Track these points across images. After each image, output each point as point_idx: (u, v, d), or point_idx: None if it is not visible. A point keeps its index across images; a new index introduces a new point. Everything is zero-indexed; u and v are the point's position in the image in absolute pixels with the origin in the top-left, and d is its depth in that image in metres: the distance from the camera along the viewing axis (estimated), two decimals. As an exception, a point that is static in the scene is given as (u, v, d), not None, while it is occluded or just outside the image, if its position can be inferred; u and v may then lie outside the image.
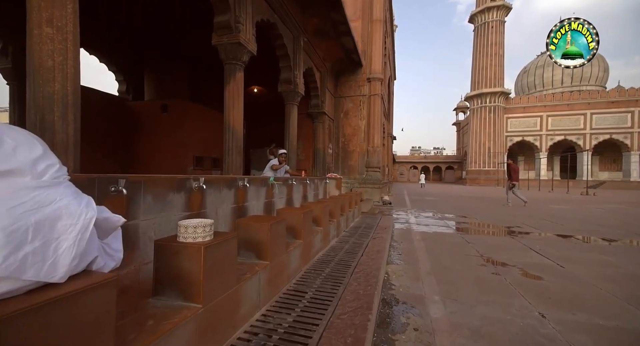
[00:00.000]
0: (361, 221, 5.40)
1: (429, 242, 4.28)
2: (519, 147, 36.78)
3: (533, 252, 3.80)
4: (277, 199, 3.71)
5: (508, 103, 36.01)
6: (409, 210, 8.11)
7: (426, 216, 7.07)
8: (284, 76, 6.13)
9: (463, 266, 3.10)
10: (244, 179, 2.89)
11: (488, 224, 6.07)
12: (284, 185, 3.98)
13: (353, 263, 2.78)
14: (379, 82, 9.31)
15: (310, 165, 8.73)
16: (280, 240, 2.21)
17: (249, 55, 4.24)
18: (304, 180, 4.77)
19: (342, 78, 9.62)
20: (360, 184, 9.22)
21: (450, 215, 7.26)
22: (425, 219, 6.52)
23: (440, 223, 6.07)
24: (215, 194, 2.47)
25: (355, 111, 9.46)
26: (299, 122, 9.11)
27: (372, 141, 9.29)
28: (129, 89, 7.62)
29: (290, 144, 6.32)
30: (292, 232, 2.67)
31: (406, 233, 4.92)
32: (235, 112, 4.15)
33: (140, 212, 1.73)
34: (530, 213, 7.88)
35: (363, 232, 4.36)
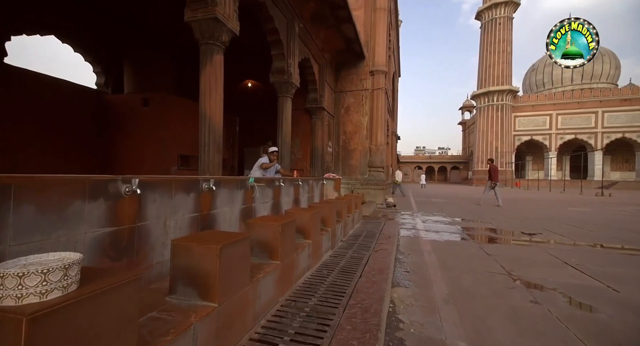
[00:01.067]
0: (362, 227, 4.75)
1: (441, 253, 3.63)
2: (527, 146, 35.78)
3: (570, 267, 3.13)
4: (260, 204, 3.09)
5: (516, 102, 35.05)
6: (415, 214, 7.44)
7: (435, 221, 6.39)
8: (276, 65, 5.51)
9: (490, 290, 2.44)
10: (210, 180, 2.27)
11: (506, 230, 5.38)
12: (270, 188, 3.35)
13: (348, 289, 2.14)
14: (382, 75, 8.66)
15: (307, 165, 8.10)
16: (237, 272, 1.57)
17: (230, 34, 3.63)
18: (295, 181, 4.14)
19: (343, 71, 8.98)
20: (363, 185, 8.57)
21: (461, 219, 6.57)
22: (434, 224, 5.85)
23: (452, 229, 5.40)
24: (164, 201, 1.86)
25: (357, 107, 8.81)
26: (295, 118, 8.48)
27: (375, 139, 8.64)
28: (108, 81, 7.04)
29: (283, 141, 5.70)
30: (266, 249, 2.03)
31: (414, 242, 4.26)
32: (212, 101, 3.53)
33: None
34: (550, 216, 7.16)
35: (364, 242, 3.71)
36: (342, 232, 3.82)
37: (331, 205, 3.38)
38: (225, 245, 1.38)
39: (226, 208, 2.51)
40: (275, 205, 3.43)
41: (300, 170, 8.23)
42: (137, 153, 6.10)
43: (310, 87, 7.57)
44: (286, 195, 3.81)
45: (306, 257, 2.50)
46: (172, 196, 1.94)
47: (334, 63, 8.70)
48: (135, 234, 1.66)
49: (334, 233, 3.38)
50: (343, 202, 4.04)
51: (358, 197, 5.16)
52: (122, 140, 6.21)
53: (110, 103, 6.33)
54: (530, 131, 34.67)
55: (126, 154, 6.20)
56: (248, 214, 2.85)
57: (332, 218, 3.37)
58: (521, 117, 35.03)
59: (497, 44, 34.80)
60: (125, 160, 6.18)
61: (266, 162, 4.80)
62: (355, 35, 7.57)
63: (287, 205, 3.83)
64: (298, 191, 4.23)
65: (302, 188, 4.37)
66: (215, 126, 3.55)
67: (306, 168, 8.16)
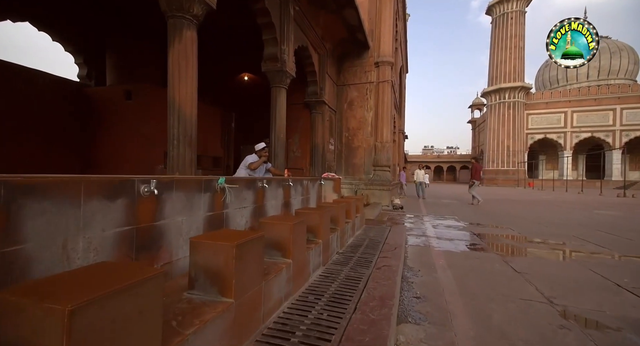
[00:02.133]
0: (364, 234, 4.13)
1: (459, 269, 2.98)
2: (541, 145, 34.50)
3: (626, 292, 2.46)
4: (235, 211, 2.50)
5: (529, 99, 33.81)
6: (425, 217, 6.77)
7: (447, 225, 5.72)
8: (268, 52, 4.92)
9: (532, 332, 1.80)
10: (151, 182, 1.69)
11: (531, 238, 4.68)
12: (251, 190, 2.76)
13: (335, 335, 1.53)
14: (389, 67, 8.00)
15: (307, 164, 7.50)
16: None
17: (204, 7, 3.05)
18: (285, 182, 3.55)
19: (346, 63, 8.35)
20: (367, 185, 7.93)
21: (477, 224, 5.88)
22: (446, 230, 5.18)
23: (467, 236, 4.72)
24: (61, 212, 1.28)
25: (361, 101, 8.17)
26: (294, 113, 7.90)
27: (380, 135, 7.98)
28: (91, 73, 6.54)
29: (277, 137, 5.11)
30: (217, 281, 1.43)
31: (424, 253, 3.62)
32: (183, 86, 2.96)
33: None
34: (576, 220, 6.40)
35: (364, 255, 3.09)
36: (338, 242, 3.21)
37: (323, 211, 2.77)
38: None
39: (181, 218, 1.93)
40: (256, 211, 2.83)
41: (299, 169, 7.65)
42: (119, 150, 5.58)
43: (310, 79, 6.96)
44: (273, 198, 3.22)
45: (283, 283, 1.89)
46: (81, 204, 1.36)
47: (335, 54, 8.08)
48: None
49: (326, 246, 2.77)
50: (340, 206, 3.42)
51: (359, 199, 4.53)
52: (103, 136, 5.70)
53: (91, 96, 5.82)
54: (544, 129, 33.38)
55: (107, 152, 5.69)
56: (216, 223, 2.27)
57: (325, 227, 2.75)
58: (534, 114, 33.76)
59: (508, 39, 33.61)
60: (107, 158, 5.68)
61: (255, 160, 4.21)
62: (358, 22, 6.93)
63: (274, 210, 3.24)
64: (289, 193, 3.63)
65: (293, 190, 3.78)
66: (186, 116, 2.98)
67: (306, 168, 7.56)
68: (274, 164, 5.08)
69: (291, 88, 8.03)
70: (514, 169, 32.81)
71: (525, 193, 18.28)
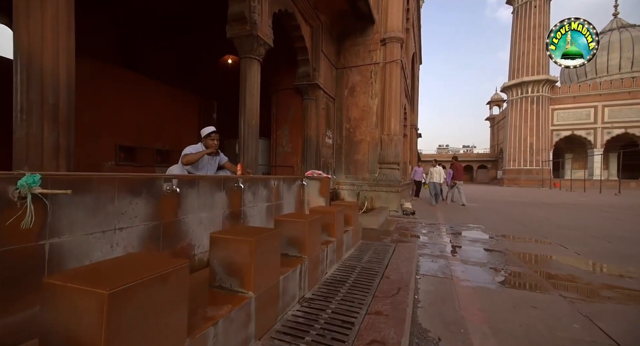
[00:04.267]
0: (357, 256, 2.87)
1: (510, 335, 1.69)
2: (567, 142, 31.96)
3: None
4: (91, 237, 1.30)
5: (554, 93, 31.36)
6: (442, 226, 5.42)
7: (472, 239, 4.37)
8: (234, 10, 3.71)
9: None
10: None
11: (601, 263, 3.29)
12: (143, 197, 1.56)
13: None
14: (398, 44, 6.67)
15: (299, 161, 6.28)
16: None
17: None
18: (233, 183, 2.34)
19: (347, 42, 7.07)
20: (371, 187, 6.64)
21: (512, 238, 4.51)
22: (473, 248, 3.85)
23: (504, 258, 3.38)
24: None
25: (365, 86, 6.88)
26: (283, 100, 6.69)
27: (387, 127, 6.67)
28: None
29: (247, 123, 3.91)
30: None
31: (446, 294, 2.33)
32: (32, 24, 1.80)
33: None
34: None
35: (344, 304, 1.83)
36: (305, 281, 1.97)
37: (265, 235, 1.54)
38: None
39: None
40: (157, 233, 1.63)
41: (289, 167, 6.44)
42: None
43: (300, 57, 5.74)
44: (203, 208, 2.01)
45: None
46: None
47: (334, 32, 6.83)
48: None
49: (273, 298, 1.53)
50: (315, 220, 2.18)
51: (351, 206, 3.27)
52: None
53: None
54: (571, 125, 30.86)
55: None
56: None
57: (273, 263, 1.52)
58: (560, 109, 31.29)
59: (531, 29, 31.26)
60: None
61: (196, 151, 2.96)
62: (359, -14, 5.66)
63: (204, 227, 2.03)
64: (239, 200, 2.42)
65: (250, 195, 2.56)
66: (43, 71, 1.82)
67: (297, 166, 6.34)
68: (243, 160, 3.89)
69: (280, 70, 6.83)
70: (537, 168, 30.50)
71: (554, 195, 16.43)
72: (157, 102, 5.84)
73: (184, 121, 6.23)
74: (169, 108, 5.83)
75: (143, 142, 5.30)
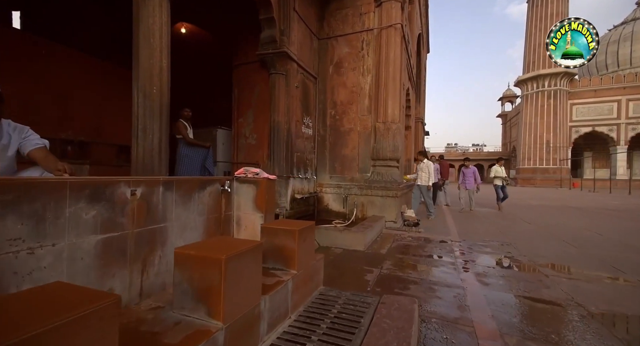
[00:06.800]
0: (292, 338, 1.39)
1: None
2: (587, 139, 29.70)
3: None
4: None
5: (573, 87, 29.17)
6: (455, 246, 3.87)
7: (504, 276, 2.82)
8: None
9: None
10: None
11: None
12: None
13: None
14: (398, 4, 5.12)
15: (265, 155, 4.79)
16: None
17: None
18: None
19: (332, 4, 5.55)
20: (363, 190, 5.11)
21: (567, 270, 2.95)
22: (512, 298, 2.31)
23: (572, 319, 1.83)
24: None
25: (355, 60, 5.35)
26: (246, 77, 5.21)
27: (384, 112, 5.13)
28: None
29: (142, 90, 2.43)
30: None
31: None
32: None
33: None
34: None
35: None
36: None
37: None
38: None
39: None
40: None
41: (254, 164, 4.95)
42: None
43: (263, 16, 4.24)
44: None
45: None
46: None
47: (316, -9, 5.32)
48: None
49: None
50: None
51: (295, 232, 1.77)
52: None
53: None
54: (592, 121, 28.62)
55: None
56: None
57: None
58: (580, 104, 29.08)
59: (548, 19, 29.09)
60: None
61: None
62: None
63: None
64: None
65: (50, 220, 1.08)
66: None
67: (264, 162, 4.85)
68: (137, 151, 2.41)
69: (242, 39, 5.34)
70: (554, 167, 28.39)
71: (579, 197, 14.58)
72: (83, 78, 4.45)
73: (111, 105, 4.81)
74: (96, 84, 4.43)
75: (58, 130, 3.91)
